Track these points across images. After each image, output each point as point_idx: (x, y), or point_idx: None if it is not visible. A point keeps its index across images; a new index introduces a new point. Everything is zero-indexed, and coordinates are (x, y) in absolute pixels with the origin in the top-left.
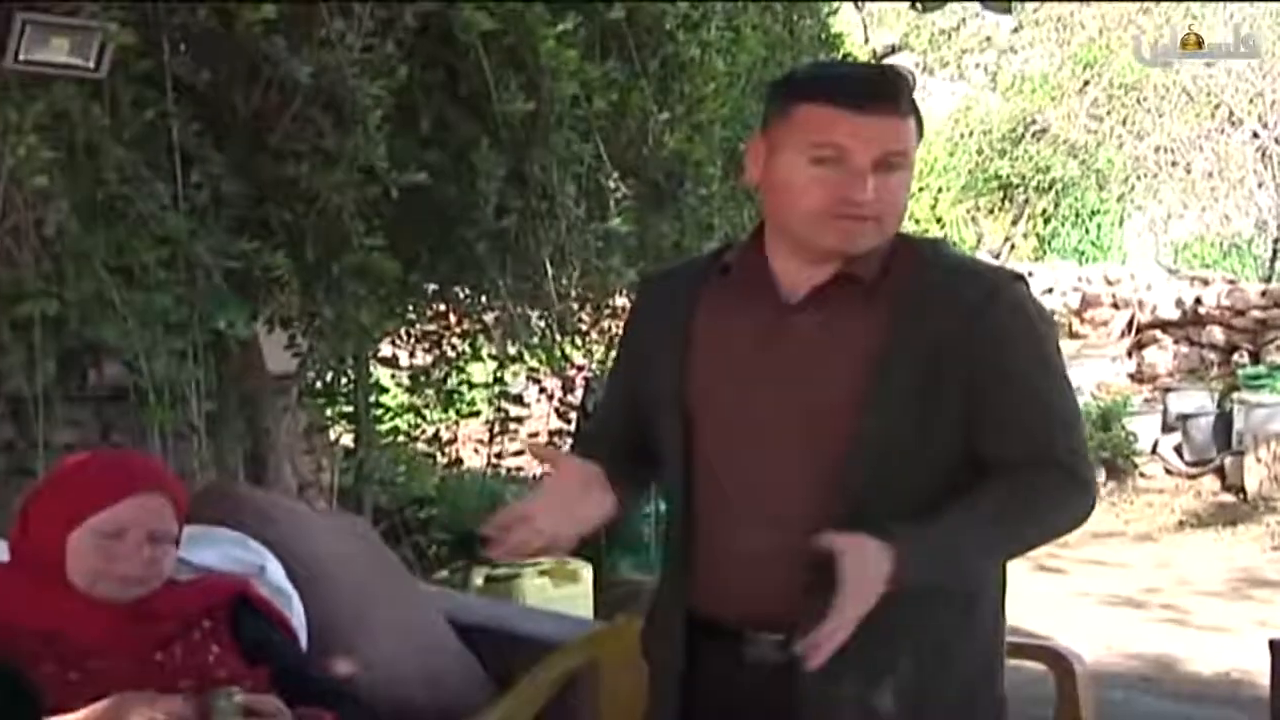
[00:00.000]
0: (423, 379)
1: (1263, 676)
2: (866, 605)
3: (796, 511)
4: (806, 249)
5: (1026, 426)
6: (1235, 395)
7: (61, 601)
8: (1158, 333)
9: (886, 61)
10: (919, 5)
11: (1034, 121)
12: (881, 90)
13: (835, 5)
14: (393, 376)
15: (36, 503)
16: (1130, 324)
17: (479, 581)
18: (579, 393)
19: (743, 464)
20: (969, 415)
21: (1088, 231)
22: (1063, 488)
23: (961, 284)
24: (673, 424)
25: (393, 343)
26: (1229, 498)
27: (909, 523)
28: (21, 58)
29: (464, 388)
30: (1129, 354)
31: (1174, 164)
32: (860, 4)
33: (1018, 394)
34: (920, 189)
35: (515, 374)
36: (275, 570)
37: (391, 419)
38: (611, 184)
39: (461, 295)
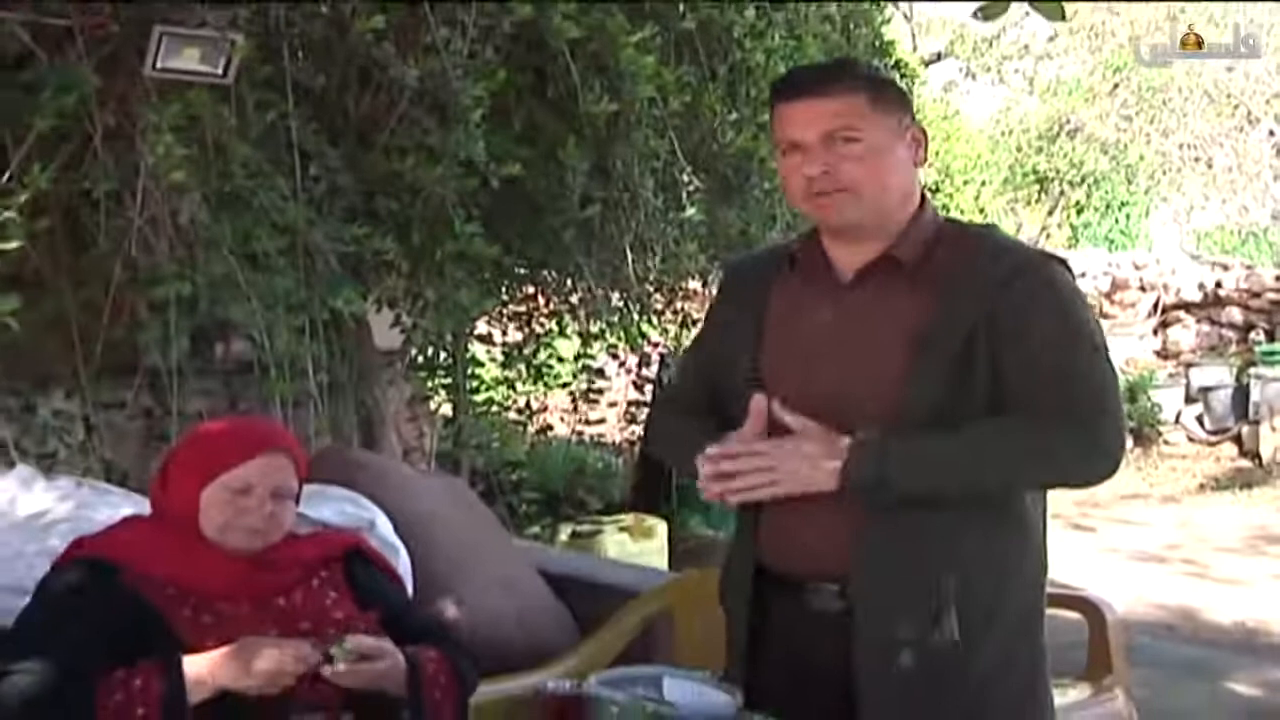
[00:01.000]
0: (514, 354)
1: (1275, 624)
2: (796, 474)
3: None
4: (828, 231)
5: (1049, 387)
6: (1252, 370)
7: (195, 551)
8: (1181, 313)
9: (932, 68)
10: (979, 14)
11: (1068, 121)
12: (808, 79)
13: (888, 15)
14: (488, 352)
15: (174, 462)
16: (1156, 305)
17: (564, 537)
18: (654, 367)
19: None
20: (1001, 380)
21: (1117, 221)
22: (1076, 440)
23: (995, 263)
24: (748, 393)
25: (488, 321)
26: (1245, 463)
27: (880, 431)
28: (159, 66)
29: (551, 362)
30: (1155, 332)
31: (1196, 160)
32: (909, 16)
33: (1041, 358)
34: (965, 183)
35: (597, 350)
36: (384, 525)
37: (486, 390)
38: (685, 177)
39: (550, 278)
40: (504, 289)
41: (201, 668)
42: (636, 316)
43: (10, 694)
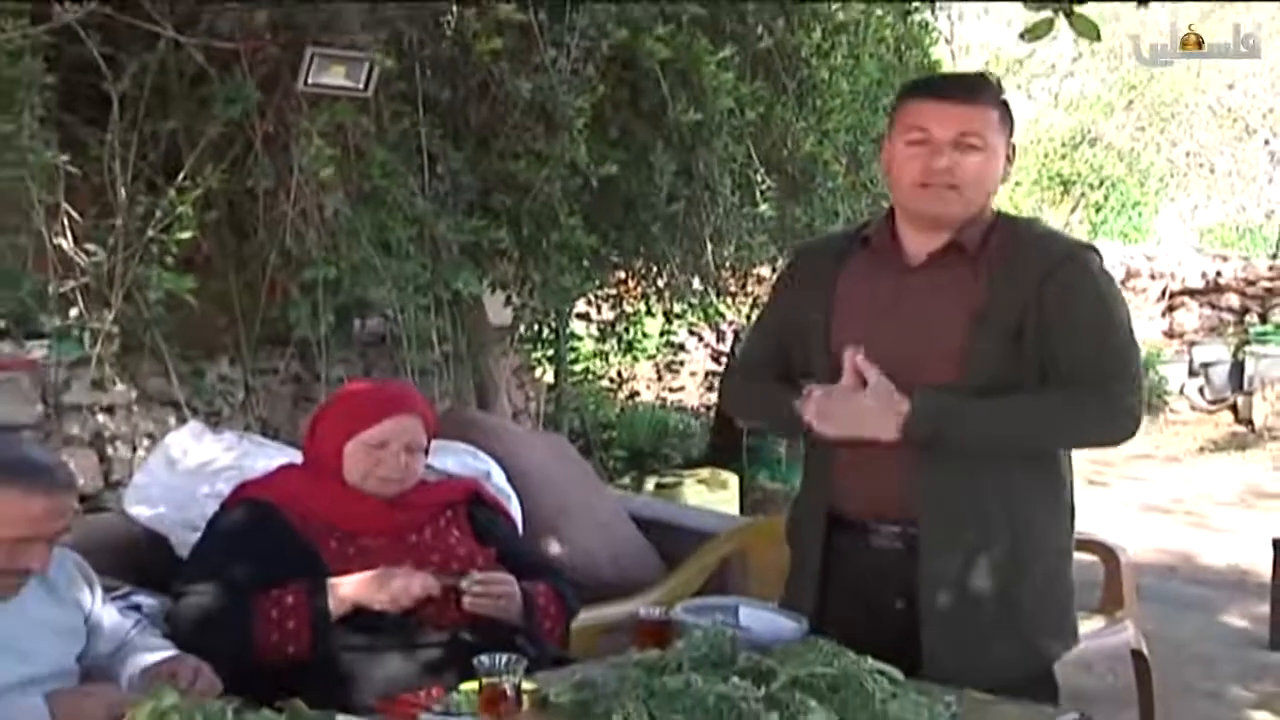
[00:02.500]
0: (608, 330)
1: (1264, 567)
2: (866, 419)
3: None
4: (916, 218)
5: (1085, 360)
6: (1247, 348)
7: (341, 495)
8: (1186, 298)
9: None
10: (1025, 35)
11: (1089, 131)
12: (957, 85)
13: (935, 37)
14: (585, 328)
15: (322, 420)
16: (1164, 292)
17: (650, 487)
18: (728, 341)
19: None
20: (1044, 353)
21: (1130, 219)
22: (1102, 406)
23: (1043, 251)
24: (821, 360)
25: (586, 301)
26: (1240, 428)
27: (937, 393)
28: (310, 82)
29: (639, 337)
30: (1162, 315)
31: (1201, 165)
32: (950, 39)
33: (1080, 334)
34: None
35: (678, 327)
36: (498, 475)
37: (583, 361)
38: (758, 178)
39: (639, 264)
40: (600, 274)
41: (342, 588)
42: (713, 298)
43: (188, 611)
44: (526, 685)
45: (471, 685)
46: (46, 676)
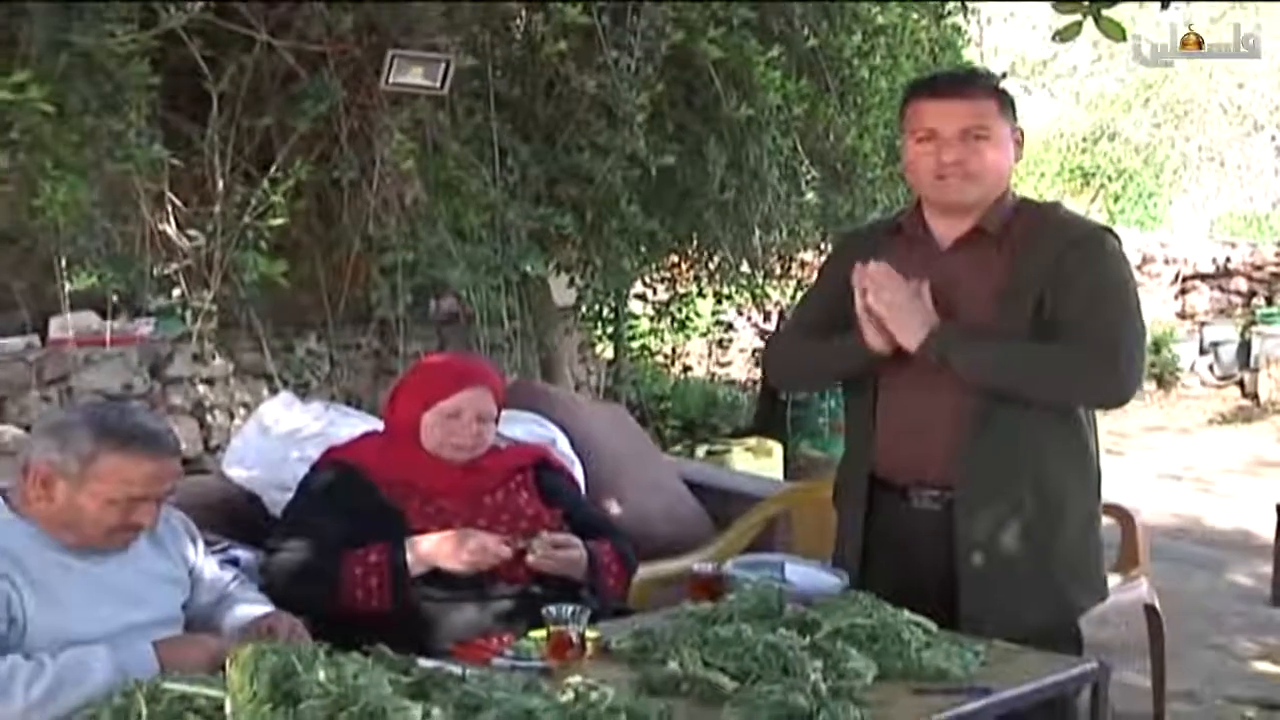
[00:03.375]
0: (663, 309)
1: (1268, 530)
2: (902, 317)
3: (946, 397)
4: (938, 207)
5: (1088, 324)
6: (1254, 328)
7: (419, 460)
8: (1197, 282)
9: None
10: (1057, 36)
11: (1108, 128)
12: (952, 82)
13: (967, 38)
14: (642, 308)
15: (402, 391)
16: (1177, 276)
17: (701, 454)
18: (774, 321)
19: (909, 364)
20: (1059, 322)
21: (1146, 209)
22: (1091, 362)
23: (1061, 232)
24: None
25: (643, 283)
26: (1246, 403)
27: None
28: (391, 81)
29: (692, 316)
30: (1175, 298)
31: (1212, 159)
32: (979, 42)
33: (1085, 304)
34: (1025, 176)
35: (728, 307)
36: (563, 442)
37: (640, 338)
38: (804, 169)
39: (692, 249)
40: (656, 257)
41: (422, 548)
42: (760, 281)
43: (281, 564)
44: (590, 633)
45: (540, 633)
46: (156, 621)
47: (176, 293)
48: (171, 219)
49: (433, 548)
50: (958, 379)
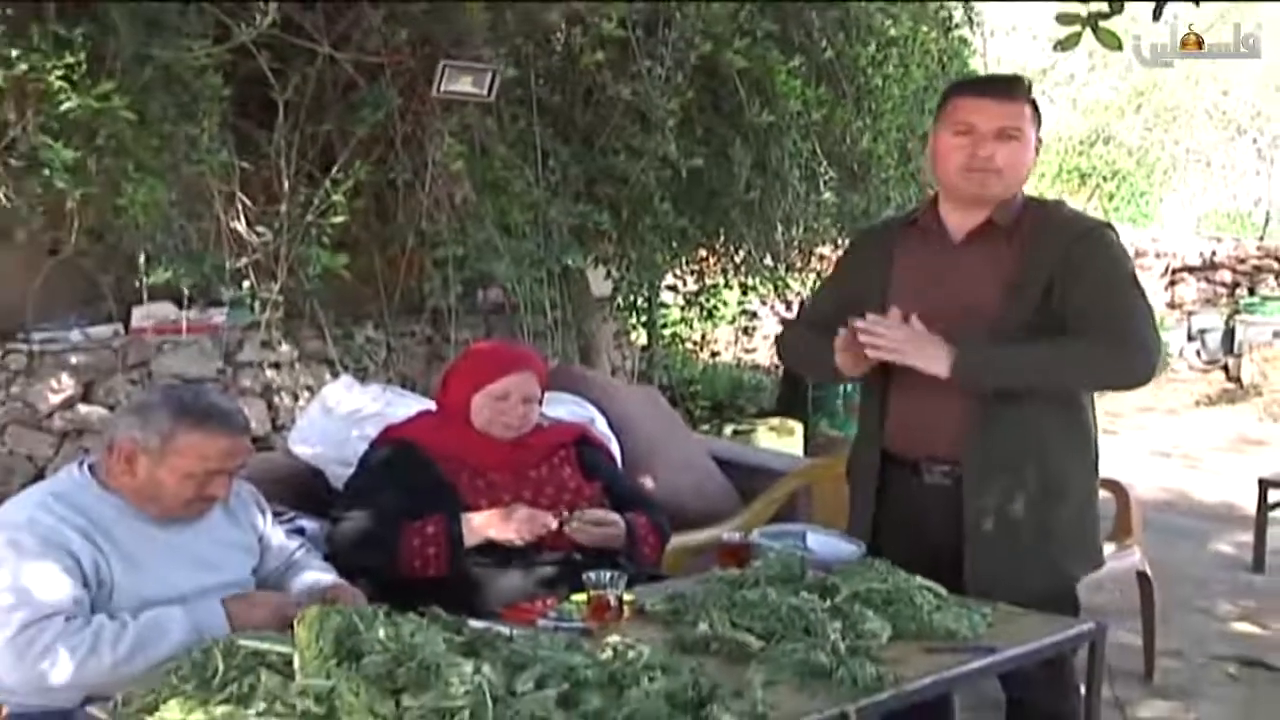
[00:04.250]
0: (692, 299)
1: (1249, 503)
2: (917, 349)
3: (957, 381)
4: (960, 200)
5: (1101, 316)
6: (1237, 316)
7: (470, 438)
8: (1185, 274)
9: None
10: (1057, 46)
11: (1103, 132)
12: (996, 84)
13: (974, 50)
14: (673, 298)
15: (453, 375)
16: (1166, 269)
17: (728, 433)
18: (794, 310)
19: None
20: (1069, 311)
21: (1138, 207)
22: (1110, 351)
23: (1066, 227)
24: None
25: (674, 275)
26: (1230, 385)
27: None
28: (442, 89)
29: (719, 305)
30: (1165, 289)
31: (1199, 161)
32: (984, 53)
33: (1097, 295)
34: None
35: (752, 297)
36: (600, 421)
37: (671, 326)
38: (822, 170)
39: (719, 244)
40: (686, 251)
41: (475, 522)
42: (782, 273)
43: (343, 533)
44: (627, 597)
45: (581, 597)
46: (229, 585)
47: (246, 285)
48: (242, 217)
49: (485, 521)
50: None
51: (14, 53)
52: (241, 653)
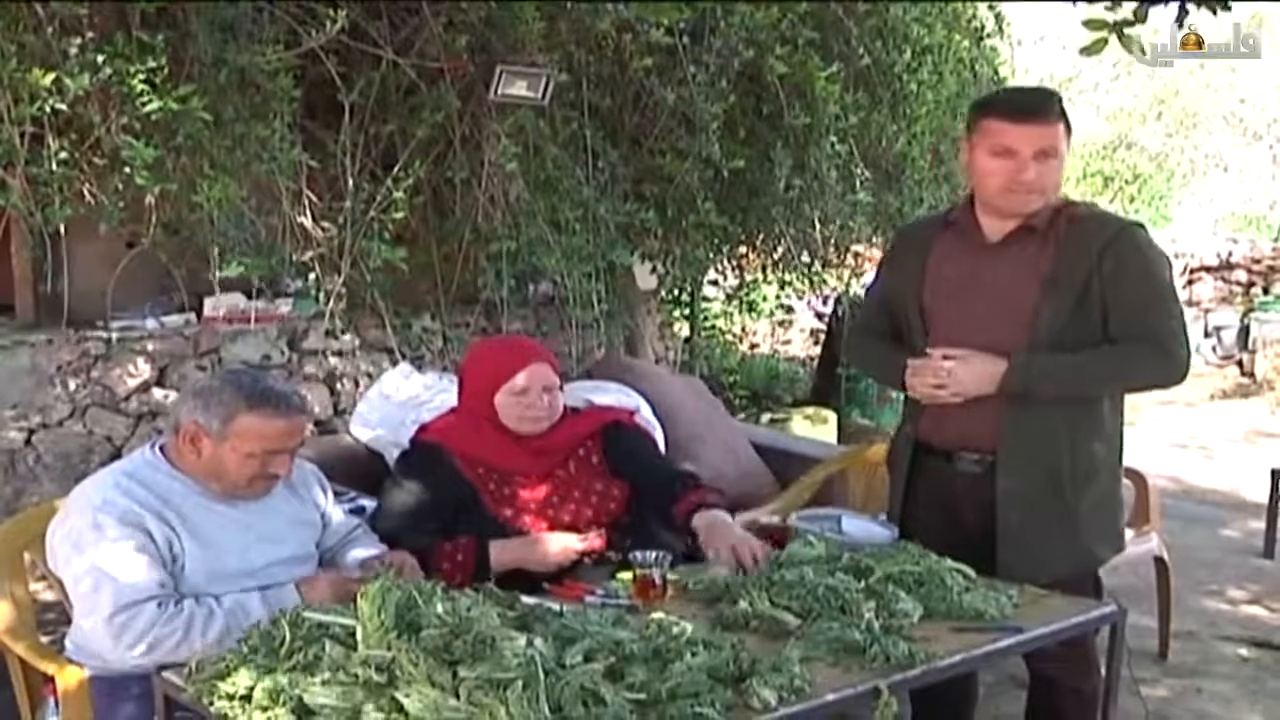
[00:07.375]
0: (733, 294)
1: (1261, 492)
2: (976, 377)
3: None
4: (997, 211)
5: (1137, 316)
6: (1252, 314)
7: (499, 440)
8: (1203, 274)
9: None
10: (1083, 51)
11: (1125, 137)
12: (1034, 107)
13: (1003, 59)
14: (715, 292)
15: (467, 379)
16: (1184, 268)
17: (765, 420)
18: (829, 305)
19: (958, 345)
20: (1105, 312)
21: (1158, 209)
22: (1153, 355)
23: (1101, 228)
24: (916, 321)
25: (715, 270)
26: (1245, 380)
27: (1027, 355)
28: (499, 93)
29: (758, 300)
30: (1183, 287)
31: (1216, 165)
32: (1011, 63)
33: (1133, 296)
34: None
35: (789, 292)
36: (645, 409)
37: (713, 319)
38: (858, 171)
39: (759, 241)
40: (727, 248)
41: (504, 554)
42: (819, 269)
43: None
44: (671, 576)
45: (627, 575)
46: (293, 558)
47: (311, 277)
48: (308, 213)
49: (514, 557)
50: (1001, 353)
51: (99, 58)
52: (307, 624)
